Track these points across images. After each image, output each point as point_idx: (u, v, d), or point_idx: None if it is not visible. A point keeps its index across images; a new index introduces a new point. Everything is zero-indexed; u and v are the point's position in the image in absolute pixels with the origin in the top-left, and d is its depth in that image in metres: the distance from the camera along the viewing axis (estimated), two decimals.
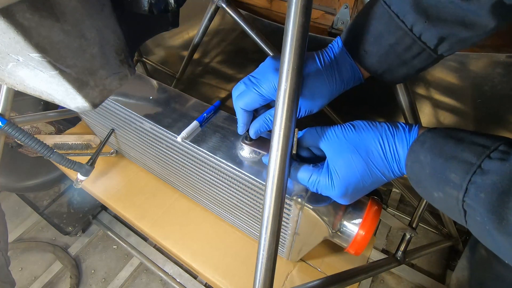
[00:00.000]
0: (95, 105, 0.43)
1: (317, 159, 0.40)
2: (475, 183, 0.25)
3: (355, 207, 0.48)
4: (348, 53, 0.39)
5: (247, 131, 0.43)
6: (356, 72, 0.39)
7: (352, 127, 0.36)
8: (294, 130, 0.35)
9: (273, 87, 0.37)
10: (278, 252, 0.43)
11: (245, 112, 0.40)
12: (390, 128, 0.34)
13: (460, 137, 0.28)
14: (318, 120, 0.40)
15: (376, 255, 1.09)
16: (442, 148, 0.28)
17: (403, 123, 0.35)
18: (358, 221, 0.46)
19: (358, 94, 0.80)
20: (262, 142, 0.45)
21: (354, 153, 0.34)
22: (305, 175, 0.38)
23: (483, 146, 0.26)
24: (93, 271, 1.12)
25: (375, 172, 0.34)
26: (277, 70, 0.37)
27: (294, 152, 0.36)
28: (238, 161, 0.48)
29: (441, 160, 0.28)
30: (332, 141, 0.36)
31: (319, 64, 0.38)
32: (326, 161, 0.37)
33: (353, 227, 0.47)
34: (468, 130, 0.29)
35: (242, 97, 0.39)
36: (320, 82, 0.37)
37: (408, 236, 0.69)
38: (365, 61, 0.38)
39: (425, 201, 0.67)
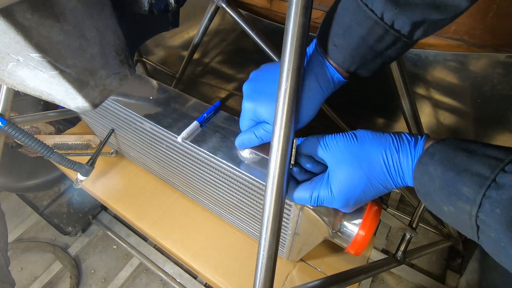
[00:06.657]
0: (95, 105, 0.43)
1: (316, 166, 0.39)
2: (490, 197, 0.24)
3: None
4: (321, 53, 0.36)
5: None
6: (332, 72, 0.36)
7: (355, 137, 0.34)
8: (294, 134, 0.34)
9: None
10: (278, 252, 0.43)
11: None
12: (395, 141, 0.32)
13: (472, 149, 0.27)
14: (317, 119, 0.40)
15: (376, 255, 1.09)
16: (453, 161, 0.27)
17: (409, 134, 0.33)
18: (358, 221, 0.46)
19: (358, 94, 0.80)
20: (262, 143, 0.45)
21: (356, 167, 0.33)
22: (304, 194, 0.37)
23: (497, 159, 0.24)
24: (93, 271, 1.12)
25: (377, 186, 0.33)
26: (252, 120, 0.39)
27: (292, 162, 0.35)
28: (238, 161, 0.48)
29: (453, 173, 0.26)
30: (334, 152, 0.35)
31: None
32: (326, 172, 0.36)
33: (353, 227, 0.47)
34: (479, 142, 0.27)
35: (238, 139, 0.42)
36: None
37: (408, 236, 0.69)
38: (336, 56, 0.35)
39: None
